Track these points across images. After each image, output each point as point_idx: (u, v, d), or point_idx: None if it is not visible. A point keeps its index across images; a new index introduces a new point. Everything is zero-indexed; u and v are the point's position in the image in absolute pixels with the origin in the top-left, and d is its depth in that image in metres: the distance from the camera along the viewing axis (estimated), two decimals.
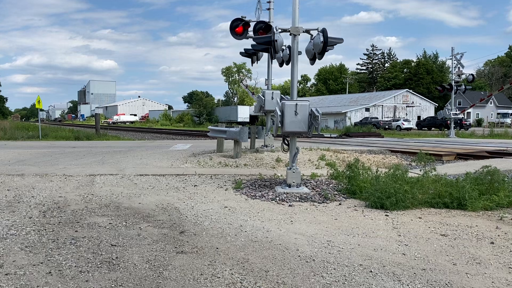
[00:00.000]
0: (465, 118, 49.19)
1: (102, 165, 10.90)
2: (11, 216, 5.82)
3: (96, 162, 11.51)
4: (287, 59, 9.79)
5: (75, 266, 3.98)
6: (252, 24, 11.57)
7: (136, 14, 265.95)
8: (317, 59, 7.87)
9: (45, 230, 5.16)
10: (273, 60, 12.78)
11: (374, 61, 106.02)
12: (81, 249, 4.47)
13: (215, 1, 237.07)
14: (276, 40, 7.81)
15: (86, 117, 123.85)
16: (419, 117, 63.46)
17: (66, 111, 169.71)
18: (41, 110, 28.42)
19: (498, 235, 5.11)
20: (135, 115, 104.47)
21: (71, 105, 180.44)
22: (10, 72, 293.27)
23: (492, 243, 4.82)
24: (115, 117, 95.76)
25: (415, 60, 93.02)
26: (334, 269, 3.99)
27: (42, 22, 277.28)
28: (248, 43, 12.83)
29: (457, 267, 4.07)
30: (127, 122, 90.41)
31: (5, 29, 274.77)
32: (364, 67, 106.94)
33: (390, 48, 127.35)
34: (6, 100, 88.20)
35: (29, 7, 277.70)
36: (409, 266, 4.07)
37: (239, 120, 61.14)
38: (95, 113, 35.67)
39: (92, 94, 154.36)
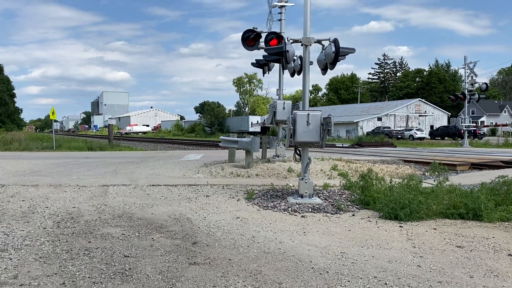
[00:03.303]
0: (479, 127, 48.62)
1: (115, 176, 10.98)
2: (26, 226, 5.88)
3: (109, 173, 11.60)
4: (299, 69, 9.78)
5: (89, 277, 3.99)
6: (263, 35, 11.64)
7: (149, 26, 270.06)
8: (328, 69, 7.86)
9: (59, 240, 5.20)
10: (284, 71, 12.79)
11: (385, 71, 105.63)
12: (95, 260, 4.49)
13: (226, 13, 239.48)
14: (287, 51, 7.82)
15: (99, 127, 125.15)
16: (432, 127, 62.89)
17: (79, 122, 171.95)
18: (55, 121, 28.75)
19: None
20: (148, 125, 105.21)
21: (85, 116, 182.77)
22: (25, 84, 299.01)
23: (510, 255, 4.72)
24: (128, 128, 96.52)
25: (427, 69, 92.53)
26: (348, 281, 3.94)
27: (57, 35, 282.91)
28: (259, 54, 12.90)
29: (474, 279, 3.99)
30: (140, 132, 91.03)
31: (22, 42, 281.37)
32: (375, 77, 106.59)
33: (401, 58, 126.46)
34: (21, 112, 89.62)
35: (45, 21, 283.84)
36: (424, 279, 4.00)
37: (250, 130, 61.20)
38: (108, 124, 36.02)
39: (105, 105, 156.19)
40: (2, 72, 79.04)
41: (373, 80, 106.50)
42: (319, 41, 7.89)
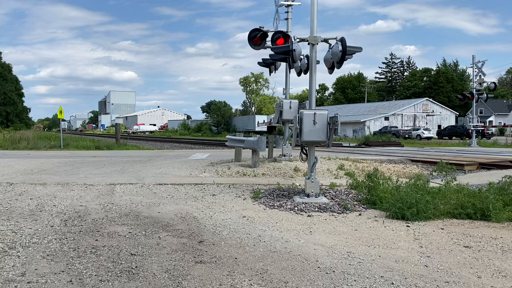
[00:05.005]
0: (488, 126, 48.24)
1: (122, 175, 11.03)
2: (34, 224, 5.92)
3: (116, 172, 11.65)
4: (305, 69, 9.76)
5: (96, 275, 4.01)
6: (270, 34, 11.60)
7: (156, 26, 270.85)
8: (335, 68, 7.83)
9: (66, 238, 5.23)
10: (291, 70, 12.79)
11: (393, 70, 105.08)
12: (101, 258, 4.51)
13: (233, 13, 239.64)
14: (294, 50, 7.81)
15: (107, 127, 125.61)
16: (439, 126, 62.50)
17: (87, 121, 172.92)
18: (63, 120, 28.93)
19: None
20: (155, 125, 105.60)
21: (92, 115, 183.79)
22: (33, 84, 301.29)
23: None
24: (135, 127, 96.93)
25: (434, 69, 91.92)
26: (355, 281, 3.93)
27: (65, 35, 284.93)
28: (265, 53, 12.88)
29: (482, 280, 3.96)
30: (147, 131, 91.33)
31: (31, 41, 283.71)
32: (383, 76, 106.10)
33: (409, 57, 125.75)
34: (30, 111, 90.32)
35: (54, 21, 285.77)
36: (431, 279, 3.97)
37: (256, 129, 61.14)
38: (115, 123, 36.13)
39: (112, 104, 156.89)
40: (10, 71, 79.67)
41: (380, 80, 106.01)
42: (326, 40, 7.87)
